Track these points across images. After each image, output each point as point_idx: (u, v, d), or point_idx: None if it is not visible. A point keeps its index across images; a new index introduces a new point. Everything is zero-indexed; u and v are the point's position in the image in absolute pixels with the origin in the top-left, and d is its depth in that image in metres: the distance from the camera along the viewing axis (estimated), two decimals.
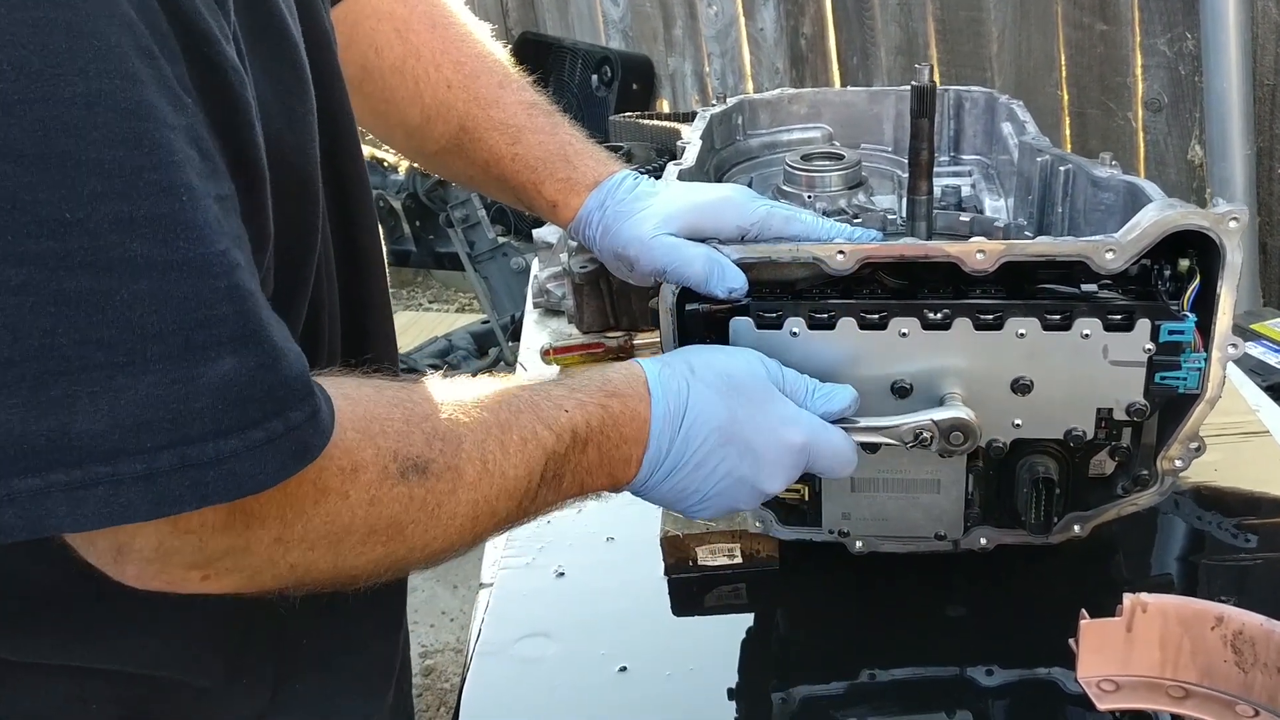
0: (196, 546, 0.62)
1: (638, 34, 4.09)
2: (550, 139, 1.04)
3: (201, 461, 0.57)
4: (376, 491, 0.68)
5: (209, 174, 0.58)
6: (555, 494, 0.80)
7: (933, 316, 0.92)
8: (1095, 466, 0.99)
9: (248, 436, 0.58)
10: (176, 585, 0.65)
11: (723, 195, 0.97)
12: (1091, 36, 2.42)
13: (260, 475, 0.59)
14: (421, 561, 0.75)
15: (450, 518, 0.73)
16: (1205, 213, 0.87)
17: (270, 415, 0.59)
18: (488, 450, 0.75)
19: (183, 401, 0.56)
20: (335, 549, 0.68)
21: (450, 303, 4.81)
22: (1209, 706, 0.88)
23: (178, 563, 0.63)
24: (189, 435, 0.56)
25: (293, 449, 0.60)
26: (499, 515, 0.76)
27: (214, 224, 0.57)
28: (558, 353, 1.62)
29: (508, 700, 1.01)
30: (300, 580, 0.69)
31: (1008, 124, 1.29)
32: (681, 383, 0.85)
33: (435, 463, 0.71)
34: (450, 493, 0.72)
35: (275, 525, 0.64)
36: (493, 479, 0.75)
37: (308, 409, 0.61)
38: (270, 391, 0.59)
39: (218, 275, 0.57)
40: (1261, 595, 1.07)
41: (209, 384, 0.56)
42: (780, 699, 0.99)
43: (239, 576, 0.66)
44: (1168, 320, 0.89)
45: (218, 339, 0.57)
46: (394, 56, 1.04)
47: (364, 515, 0.68)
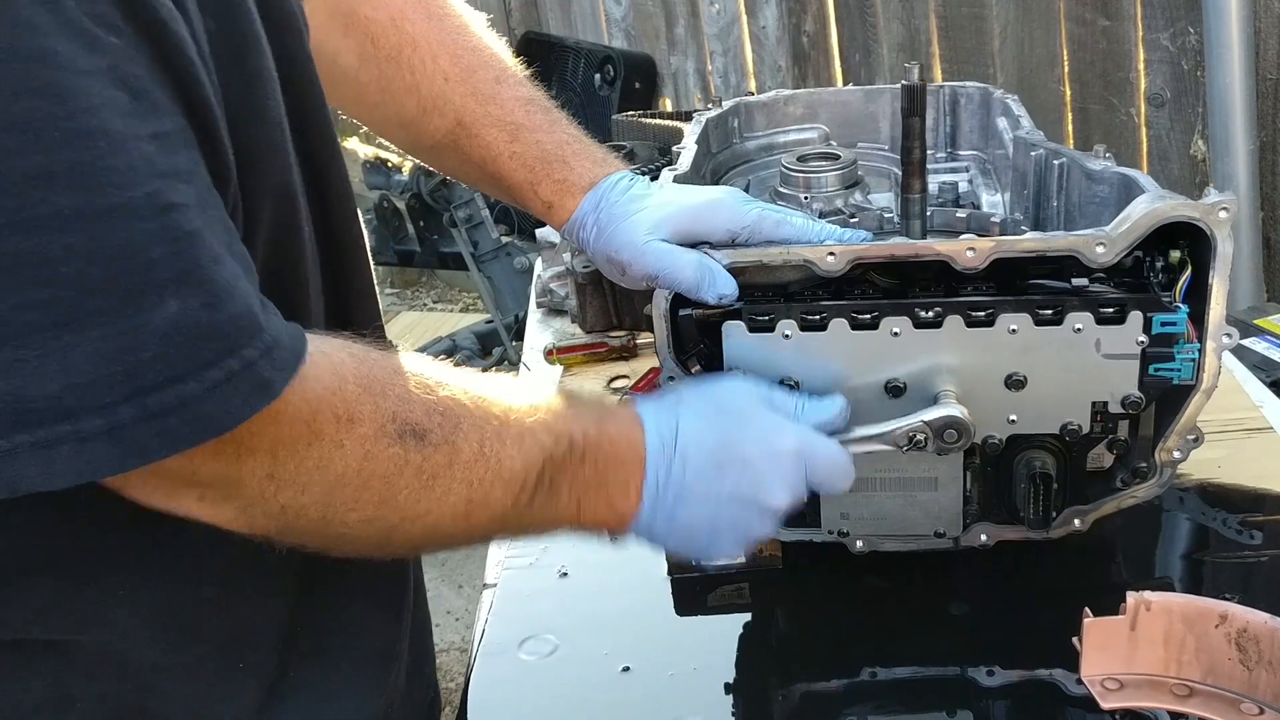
0: (190, 470, 0.64)
1: (640, 33, 4.09)
2: (548, 137, 1.03)
3: (163, 409, 0.57)
4: (371, 447, 0.69)
5: (140, 112, 0.56)
6: (552, 505, 0.80)
7: (924, 315, 0.91)
8: (1094, 460, 0.99)
9: (205, 377, 0.58)
10: (175, 501, 0.66)
11: (714, 198, 0.97)
12: (1094, 32, 2.41)
13: (225, 414, 0.59)
14: (412, 538, 0.75)
15: (444, 493, 0.73)
16: (1195, 204, 0.87)
17: (224, 354, 0.59)
18: (485, 435, 0.75)
19: (132, 351, 0.55)
20: (327, 497, 0.69)
21: (454, 302, 4.82)
22: (1213, 705, 0.87)
23: (174, 481, 0.65)
24: (145, 384, 0.56)
25: (253, 384, 0.60)
26: (493, 507, 0.76)
27: (140, 166, 0.55)
28: (561, 353, 1.63)
29: (512, 700, 1.01)
30: (290, 525, 0.70)
31: (1003, 119, 1.29)
32: (669, 413, 0.85)
33: (433, 433, 0.72)
34: (446, 466, 0.72)
35: (266, 460, 0.65)
36: (488, 464, 0.74)
37: (261, 344, 0.61)
38: (219, 329, 0.58)
39: (147, 217, 0.55)
40: (1266, 592, 1.06)
41: (156, 329, 0.56)
42: (782, 697, 0.99)
43: (232, 507, 0.67)
44: (1160, 312, 0.89)
45: (157, 282, 0.56)
46: (390, 46, 1.02)
47: (356, 468, 0.69)
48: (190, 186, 0.59)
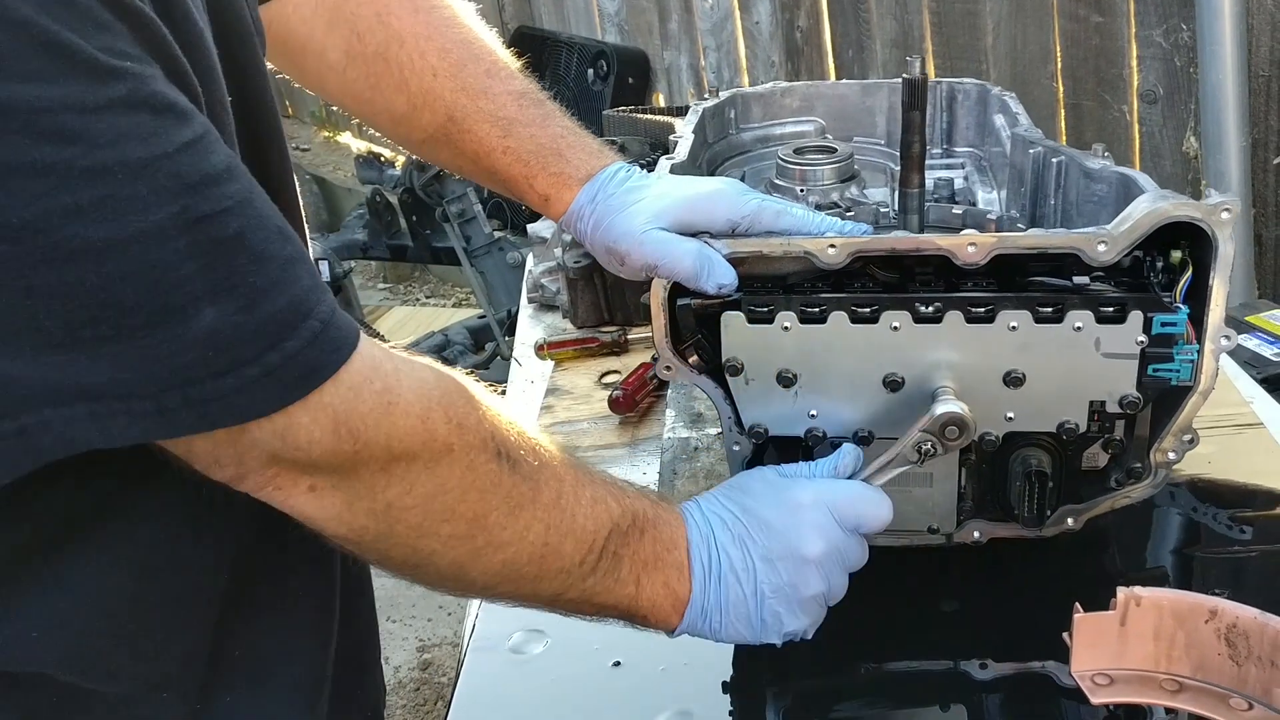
0: (310, 460, 0.67)
1: (633, 28, 4.09)
2: (542, 131, 1.03)
3: (202, 399, 0.61)
4: (475, 457, 0.72)
5: (165, 128, 0.59)
6: (614, 576, 0.81)
7: (924, 310, 0.91)
8: (1088, 459, 0.99)
9: (243, 374, 0.61)
10: (287, 493, 0.69)
11: (714, 189, 0.97)
12: (1087, 28, 2.42)
13: (262, 403, 0.63)
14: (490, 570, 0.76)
15: (526, 528, 0.76)
16: (1197, 204, 0.87)
17: (262, 350, 0.62)
18: (564, 486, 0.78)
19: (174, 356, 0.60)
20: (428, 502, 0.72)
21: (447, 297, 4.81)
22: (1203, 700, 0.88)
23: (291, 469, 0.68)
24: (188, 378, 0.60)
25: (295, 375, 0.64)
26: (564, 559, 0.78)
27: (165, 186, 0.58)
28: (552, 348, 1.62)
29: (502, 696, 1.01)
30: (390, 528, 0.72)
31: (1000, 116, 1.29)
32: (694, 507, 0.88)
33: (523, 464, 0.75)
34: (530, 500, 0.75)
35: (381, 455, 0.69)
36: (564, 514, 0.77)
37: (307, 332, 0.63)
38: (258, 329, 0.62)
39: (174, 236, 0.59)
40: (1256, 588, 1.07)
41: (195, 337, 0.60)
42: (774, 693, 0.99)
43: (341, 498, 0.70)
44: (1160, 312, 0.89)
45: (191, 296, 0.59)
46: (376, 43, 1.02)
47: (459, 475, 0.72)
48: (230, 184, 0.62)
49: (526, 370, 1.63)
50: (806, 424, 0.97)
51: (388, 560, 0.76)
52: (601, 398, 1.47)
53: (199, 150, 0.61)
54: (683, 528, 0.86)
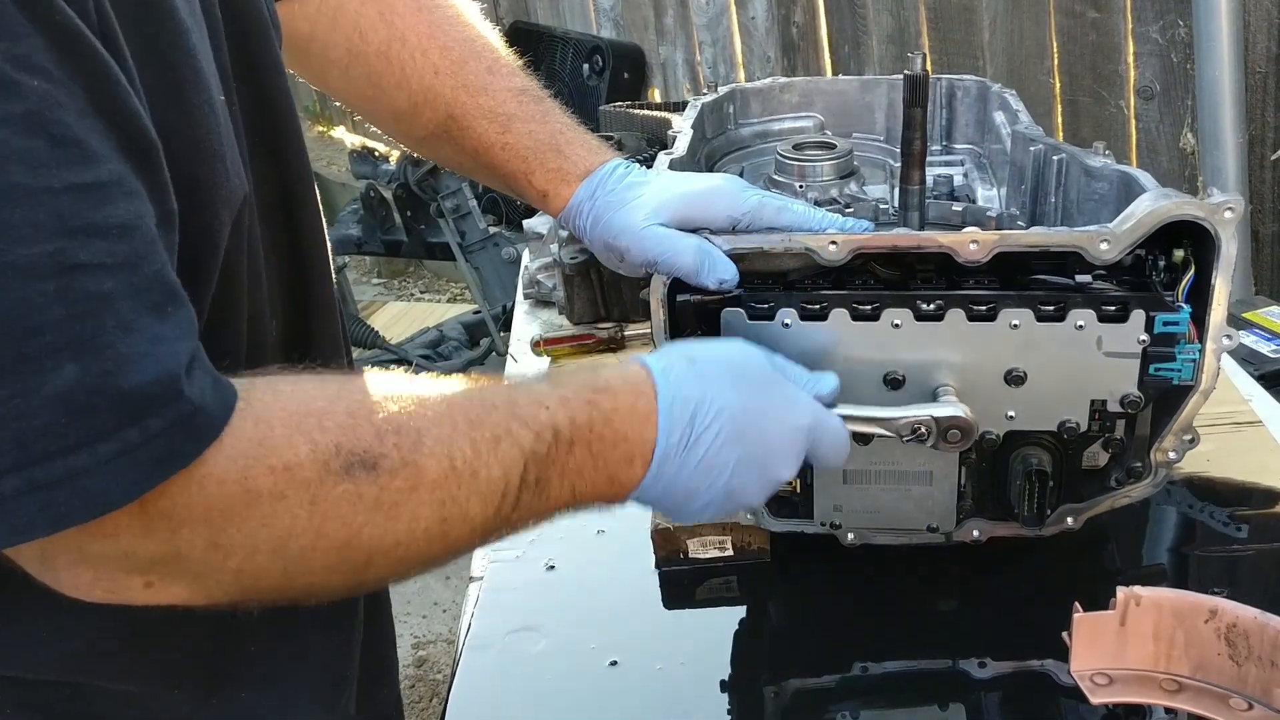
0: (123, 553, 0.59)
1: (629, 23, 4.08)
2: (541, 127, 1.03)
3: (49, 482, 0.53)
4: (317, 490, 0.63)
5: (60, 161, 0.53)
6: (542, 499, 0.75)
7: (925, 307, 0.91)
8: (1088, 458, 0.99)
9: (97, 450, 0.54)
10: (120, 593, 0.61)
11: (714, 185, 0.96)
12: (1083, 24, 2.41)
13: (115, 491, 0.55)
14: (388, 570, 0.70)
15: (413, 519, 0.67)
16: (1200, 203, 0.86)
17: (123, 424, 0.55)
18: (455, 447, 0.69)
19: (23, 418, 0.52)
20: (281, 554, 0.64)
21: (442, 293, 4.80)
22: (1203, 700, 0.88)
23: (110, 569, 0.60)
24: (33, 454, 0.53)
25: (154, 457, 0.56)
26: (473, 520, 0.71)
27: (45, 222, 0.52)
28: (548, 344, 1.62)
29: (498, 694, 1.01)
30: (251, 589, 0.65)
31: (1000, 113, 1.29)
32: (685, 374, 0.80)
33: (388, 458, 0.66)
34: (410, 490, 0.67)
35: (204, 529, 0.60)
36: (461, 478, 0.69)
37: (171, 414, 0.56)
38: (121, 399, 0.55)
39: (46, 277, 0.52)
40: (1254, 586, 1.07)
41: (49, 395, 0.52)
42: (772, 692, 0.98)
43: (184, 584, 0.63)
44: (1162, 311, 0.89)
45: (53, 346, 0.53)
46: (379, 41, 1.02)
47: (306, 517, 0.63)
48: (119, 243, 0.55)
49: (522, 366, 1.62)
50: None
51: (278, 602, 0.68)
52: None
53: (93, 196, 0.54)
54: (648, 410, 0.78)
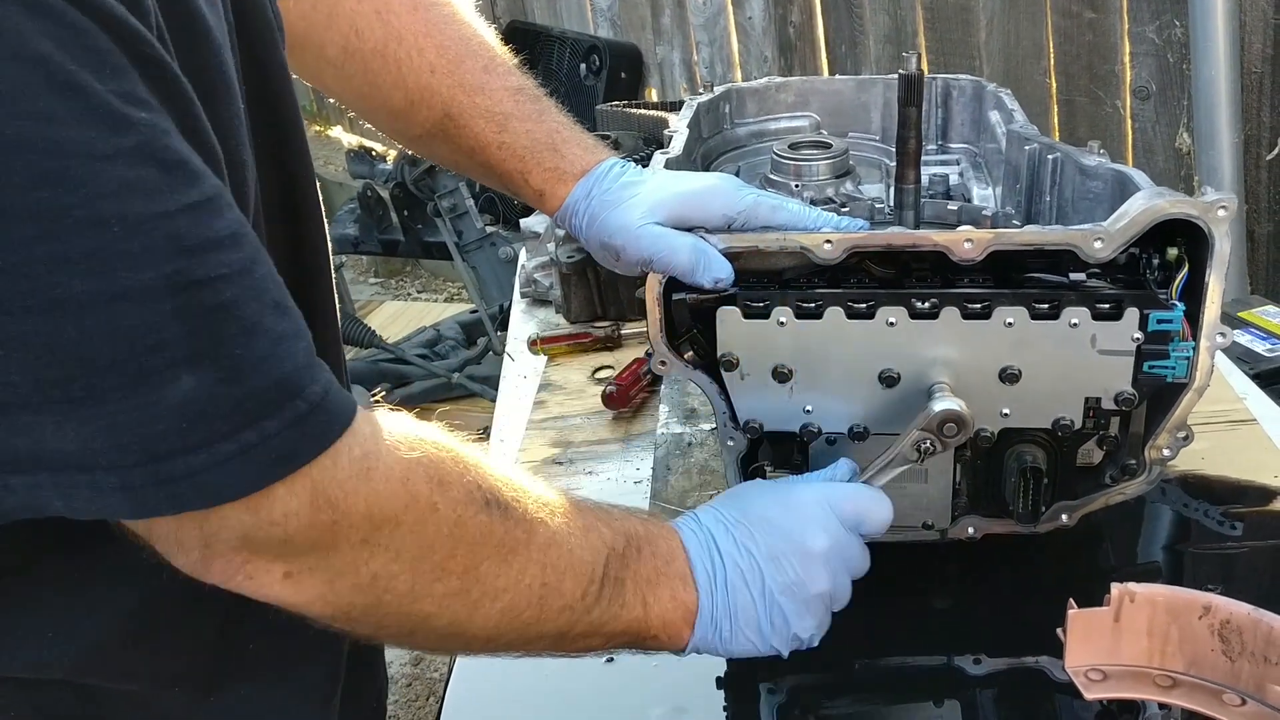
0: (282, 540, 0.63)
1: (626, 22, 4.08)
2: (537, 126, 1.03)
3: (172, 476, 0.58)
4: (463, 511, 0.70)
5: (172, 185, 0.57)
6: (619, 603, 0.79)
7: (920, 306, 0.91)
8: (1083, 456, 0.99)
9: (216, 451, 0.59)
10: (260, 581, 0.65)
11: (709, 184, 0.96)
12: (1080, 24, 2.42)
13: (234, 484, 0.60)
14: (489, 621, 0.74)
15: (521, 571, 0.73)
16: (1194, 201, 0.87)
17: (240, 427, 0.59)
18: (556, 522, 0.76)
19: (146, 425, 0.57)
20: (417, 565, 0.69)
21: (439, 292, 4.80)
22: (1196, 695, 0.88)
23: (264, 553, 0.64)
24: (157, 453, 0.57)
25: (272, 457, 0.60)
26: (565, 596, 0.76)
27: (160, 246, 0.56)
28: (545, 343, 1.62)
29: (494, 692, 1.01)
30: (378, 599, 0.69)
31: (995, 112, 1.29)
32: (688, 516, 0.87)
33: (514, 507, 0.73)
34: (525, 544, 0.73)
35: (362, 524, 0.65)
36: (561, 551, 0.75)
37: (289, 415, 0.60)
38: (237, 404, 0.59)
39: (161, 298, 0.56)
40: (1248, 584, 1.07)
41: (169, 405, 0.57)
42: (768, 689, 0.98)
43: (320, 580, 0.66)
44: (1156, 309, 0.89)
45: (171, 361, 0.57)
46: (375, 40, 1.01)
47: (448, 532, 0.69)
48: (232, 252, 0.59)
49: (519, 365, 1.62)
50: (802, 419, 0.97)
51: (381, 631, 0.73)
52: (595, 393, 1.47)
53: (204, 212, 0.59)
54: (677, 538, 0.85)
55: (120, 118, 0.55)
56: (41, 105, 0.53)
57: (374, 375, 3.20)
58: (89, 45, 0.54)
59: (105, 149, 0.55)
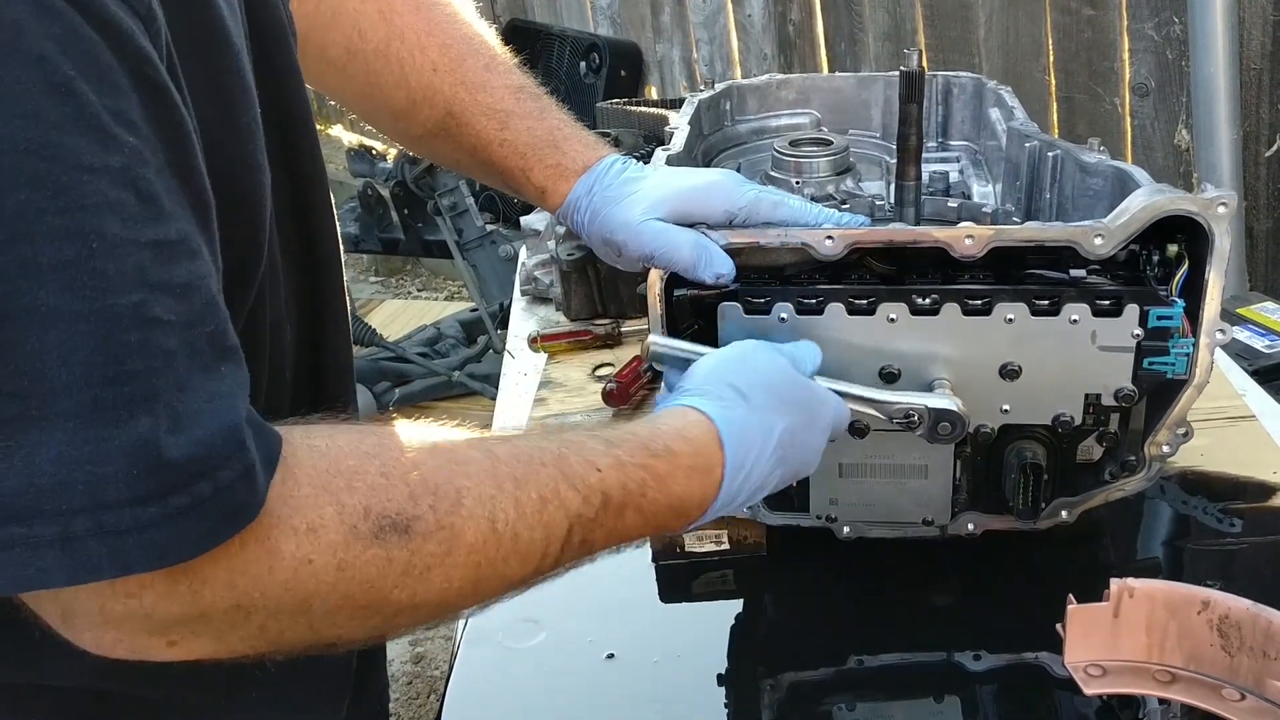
0: (144, 614, 0.58)
1: (626, 20, 4.07)
2: (539, 124, 1.03)
3: (119, 529, 0.53)
4: (344, 555, 0.61)
5: (144, 218, 0.54)
6: (585, 555, 0.75)
7: (921, 302, 0.91)
8: (1083, 452, 1.00)
9: (168, 503, 0.54)
10: (143, 653, 0.60)
11: (711, 180, 0.96)
12: (1079, 21, 2.42)
13: (184, 544, 0.55)
14: (415, 624, 0.69)
15: (445, 581, 0.66)
16: (1194, 198, 0.87)
17: (193, 479, 0.55)
18: (497, 508, 0.67)
19: (96, 463, 0.52)
20: (305, 615, 0.62)
21: (439, 290, 4.80)
22: (1195, 690, 0.88)
23: (133, 629, 0.59)
24: (104, 500, 0.53)
25: (223, 511, 0.56)
26: (509, 579, 0.70)
27: (131, 274, 0.53)
28: (545, 340, 1.62)
29: (495, 689, 1.01)
30: (275, 643, 0.64)
31: (995, 109, 1.29)
32: (745, 415, 0.81)
33: (422, 520, 0.64)
34: (444, 555, 0.65)
35: (226, 592, 0.59)
36: (501, 541, 0.68)
37: (239, 466, 0.56)
38: (189, 454, 0.55)
39: (129, 328, 0.53)
40: (1247, 580, 1.07)
41: (123, 445, 0.53)
42: (768, 685, 0.99)
43: (206, 641, 0.61)
44: (1156, 305, 0.89)
45: (129, 397, 0.53)
46: (378, 39, 1.02)
47: (332, 582, 0.61)
48: (181, 303, 0.56)
49: (520, 363, 1.62)
50: None
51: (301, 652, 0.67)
52: (595, 390, 1.47)
53: (167, 253, 0.55)
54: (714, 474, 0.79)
55: (111, 135, 0.53)
56: (33, 105, 0.50)
57: (374, 374, 3.20)
58: (91, 56, 0.52)
59: (93, 162, 0.52)
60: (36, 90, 0.50)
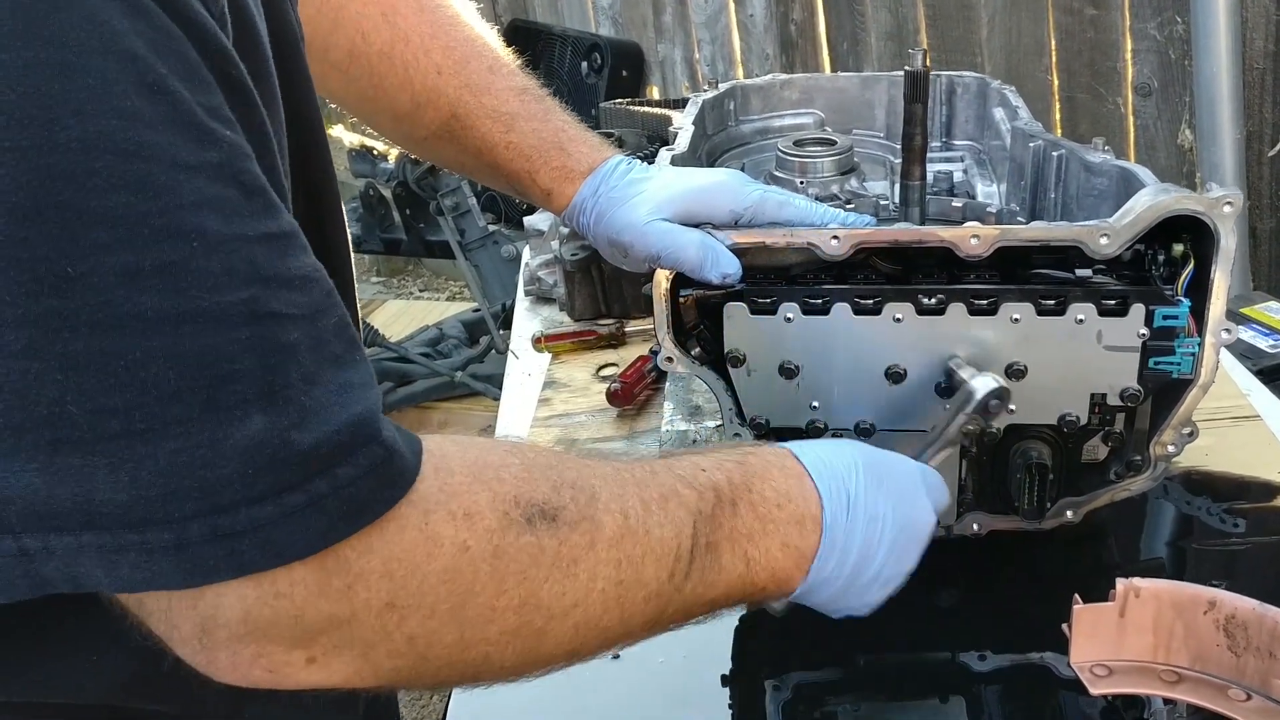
0: (292, 616, 0.56)
1: (627, 20, 4.08)
2: (544, 126, 1.03)
3: (234, 531, 0.52)
4: (500, 541, 0.61)
5: (252, 211, 0.54)
6: (715, 569, 0.72)
7: (927, 302, 0.91)
8: (1088, 452, 0.99)
9: (283, 501, 0.53)
10: (280, 673, 0.58)
11: (716, 180, 0.97)
12: (1081, 21, 2.42)
13: (300, 542, 0.54)
14: (563, 641, 0.66)
15: (591, 579, 0.65)
16: (1200, 197, 0.87)
17: (311, 475, 0.53)
18: (627, 504, 0.67)
19: (209, 467, 0.51)
20: (459, 615, 0.60)
21: (441, 290, 4.80)
22: (1201, 691, 0.88)
23: (275, 639, 0.57)
24: (219, 503, 0.52)
25: (343, 509, 0.55)
26: (648, 585, 0.68)
27: (240, 269, 0.52)
28: (549, 340, 1.62)
29: (500, 688, 1.01)
30: (423, 658, 0.61)
31: (999, 109, 1.29)
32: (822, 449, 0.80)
33: (566, 510, 0.64)
34: (588, 547, 0.65)
35: (383, 586, 0.57)
36: (636, 536, 0.67)
37: (365, 462, 0.55)
38: (307, 450, 0.53)
39: (238, 325, 0.52)
40: (1250, 580, 1.07)
41: (236, 446, 0.52)
42: (774, 686, 0.99)
43: (351, 655, 0.59)
44: (1162, 305, 0.89)
45: (242, 396, 0.52)
46: (381, 42, 1.02)
47: (489, 571, 0.60)
48: (301, 294, 0.55)
49: (524, 363, 1.62)
50: (808, 416, 0.97)
51: (443, 683, 0.66)
52: (599, 390, 1.47)
53: (280, 246, 0.55)
54: (800, 470, 0.77)
55: (207, 130, 0.52)
56: (129, 104, 0.49)
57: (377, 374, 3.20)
58: (180, 53, 0.51)
59: (190, 159, 0.51)
60: (131, 89, 0.49)
